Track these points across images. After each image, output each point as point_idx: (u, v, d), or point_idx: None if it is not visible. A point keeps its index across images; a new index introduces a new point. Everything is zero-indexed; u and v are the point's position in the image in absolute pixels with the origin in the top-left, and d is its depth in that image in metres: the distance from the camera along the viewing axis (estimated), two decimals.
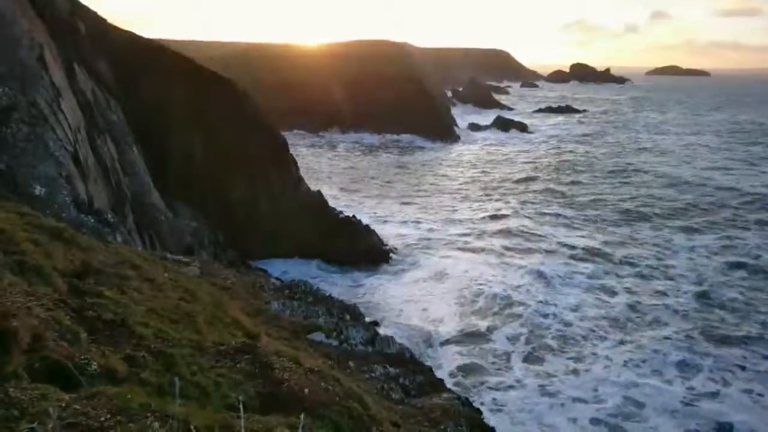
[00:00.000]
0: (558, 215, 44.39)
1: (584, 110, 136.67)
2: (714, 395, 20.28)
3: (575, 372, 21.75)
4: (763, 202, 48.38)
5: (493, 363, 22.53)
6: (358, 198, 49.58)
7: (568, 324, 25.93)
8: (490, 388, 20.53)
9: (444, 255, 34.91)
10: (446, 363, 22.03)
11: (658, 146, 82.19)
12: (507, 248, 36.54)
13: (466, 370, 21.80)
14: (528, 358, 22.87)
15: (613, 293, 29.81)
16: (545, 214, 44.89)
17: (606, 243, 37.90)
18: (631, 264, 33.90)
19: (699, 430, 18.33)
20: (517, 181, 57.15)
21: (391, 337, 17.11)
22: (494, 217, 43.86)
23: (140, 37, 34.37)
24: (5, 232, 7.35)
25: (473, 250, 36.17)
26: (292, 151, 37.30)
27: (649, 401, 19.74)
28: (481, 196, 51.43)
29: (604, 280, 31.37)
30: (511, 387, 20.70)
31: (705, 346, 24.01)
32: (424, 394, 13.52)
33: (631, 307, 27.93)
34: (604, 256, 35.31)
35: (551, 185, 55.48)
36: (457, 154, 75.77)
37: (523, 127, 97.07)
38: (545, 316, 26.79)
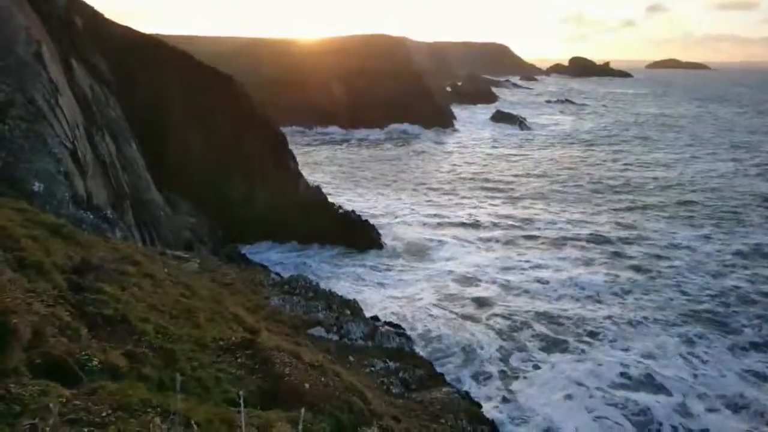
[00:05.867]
0: (554, 205, 44.46)
1: (582, 104, 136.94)
2: (721, 373, 21.35)
3: (586, 354, 22.44)
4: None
5: (502, 347, 22.92)
6: (356, 191, 49.61)
7: (574, 310, 26.20)
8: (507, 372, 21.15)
9: (441, 246, 35.08)
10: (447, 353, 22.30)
11: (650, 139, 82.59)
12: (504, 238, 36.75)
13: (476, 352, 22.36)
14: (540, 343, 23.32)
15: (614, 278, 30.15)
16: (542, 203, 45.07)
17: (603, 230, 38.23)
18: (632, 255, 33.94)
19: (710, 394, 19.84)
20: (514, 173, 57.41)
21: (392, 331, 17.14)
22: (491, 208, 44.21)
23: (138, 33, 34.31)
24: (4, 229, 7.35)
25: (470, 240, 36.40)
26: (291, 145, 37.24)
27: (663, 375, 20.82)
28: (479, 187, 51.53)
29: (606, 270, 31.45)
30: (530, 369, 21.33)
31: (710, 330, 24.71)
32: (424, 388, 13.56)
33: (635, 292, 28.37)
34: (603, 245, 35.42)
35: (546, 176, 55.86)
36: (456, 147, 75.74)
37: (521, 121, 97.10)
38: (548, 299, 27.17)
